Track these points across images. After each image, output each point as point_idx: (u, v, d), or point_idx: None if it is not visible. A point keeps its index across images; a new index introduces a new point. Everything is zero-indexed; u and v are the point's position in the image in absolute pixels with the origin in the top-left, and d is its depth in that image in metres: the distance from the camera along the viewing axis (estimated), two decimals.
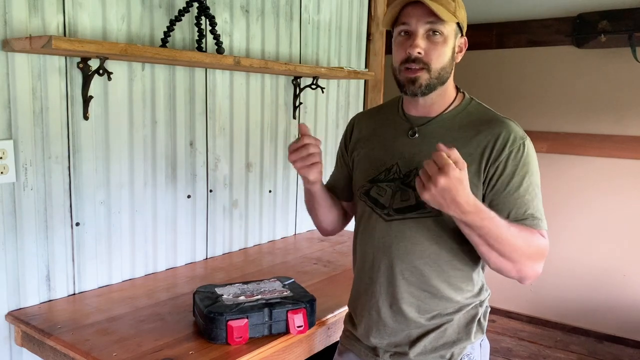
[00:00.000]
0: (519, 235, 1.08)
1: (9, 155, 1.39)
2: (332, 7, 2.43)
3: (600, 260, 3.39)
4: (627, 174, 3.28)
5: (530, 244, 1.09)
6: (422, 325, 1.19)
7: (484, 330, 1.24)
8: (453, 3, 1.13)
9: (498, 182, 1.12)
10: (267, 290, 1.39)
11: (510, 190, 1.12)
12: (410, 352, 1.19)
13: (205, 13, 1.73)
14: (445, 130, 1.19)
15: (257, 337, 1.28)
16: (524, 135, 1.15)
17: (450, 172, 0.96)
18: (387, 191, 1.21)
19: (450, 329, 1.19)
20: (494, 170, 1.12)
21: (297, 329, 1.31)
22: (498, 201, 1.13)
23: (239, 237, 2.12)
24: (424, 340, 1.19)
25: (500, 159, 1.12)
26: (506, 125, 1.15)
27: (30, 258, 1.47)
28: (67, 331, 1.31)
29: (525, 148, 1.13)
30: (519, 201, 1.12)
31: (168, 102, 1.77)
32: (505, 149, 1.12)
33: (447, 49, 1.14)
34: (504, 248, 1.07)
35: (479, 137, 1.15)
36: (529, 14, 3.51)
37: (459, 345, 1.19)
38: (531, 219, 1.11)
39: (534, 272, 1.12)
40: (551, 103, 3.50)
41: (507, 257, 1.08)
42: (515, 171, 1.12)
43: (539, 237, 1.11)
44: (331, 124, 2.53)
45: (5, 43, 1.35)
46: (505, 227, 1.06)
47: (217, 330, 1.24)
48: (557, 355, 3.22)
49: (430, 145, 1.15)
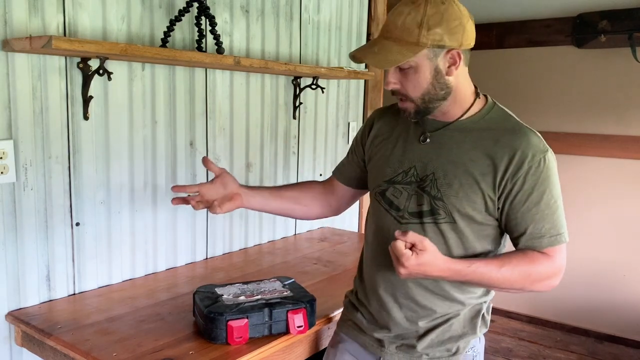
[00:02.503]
0: (514, 270, 1.10)
1: (9, 155, 1.39)
2: (332, 7, 2.43)
3: (600, 260, 3.39)
4: (628, 174, 3.28)
5: (530, 275, 1.11)
6: (431, 321, 1.21)
7: (487, 323, 1.27)
8: (417, 30, 1.07)
9: (517, 198, 1.11)
10: (267, 290, 1.39)
11: (529, 205, 1.11)
12: (417, 345, 1.21)
13: (205, 13, 1.73)
14: (463, 136, 1.17)
15: (257, 337, 1.28)
16: (545, 149, 1.12)
17: (405, 263, 1.03)
18: (402, 193, 1.21)
19: (457, 324, 1.22)
20: (511, 185, 1.11)
21: (297, 329, 1.31)
22: (516, 216, 1.13)
23: (239, 237, 2.12)
24: (431, 334, 1.21)
25: (519, 174, 1.10)
26: (527, 138, 1.12)
27: (30, 258, 1.47)
28: (67, 331, 1.31)
29: (546, 162, 1.11)
30: (537, 216, 1.11)
31: (168, 102, 1.77)
32: (525, 164, 1.10)
33: (421, 77, 1.11)
34: (500, 286, 1.13)
35: (496, 148, 1.13)
36: (529, 14, 3.51)
37: (464, 339, 1.21)
38: (548, 236, 1.12)
39: (545, 288, 1.14)
40: (551, 103, 3.50)
41: (508, 290, 1.13)
42: (534, 186, 1.10)
43: (541, 263, 1.11)
44: (331, 124, 2.53)
45: (5, 43, 1.35)
46: (496, 270, 1.10)
47: (217, 330, 1.24)
48: (557, 355, 3.22)
49: (443, 150, 1.17)
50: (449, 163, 1.16)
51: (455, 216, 1.15)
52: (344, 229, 2.60)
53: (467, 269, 1.09)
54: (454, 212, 1.15)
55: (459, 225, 1.15)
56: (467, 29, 1.11)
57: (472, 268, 1.09)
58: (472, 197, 1.13)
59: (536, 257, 1.12)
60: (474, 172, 1.13)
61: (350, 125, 2.64)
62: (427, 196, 1.17)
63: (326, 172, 2.53)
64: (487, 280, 1.11)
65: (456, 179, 1.14)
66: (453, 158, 1.16)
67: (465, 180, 1.13)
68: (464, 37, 1.11)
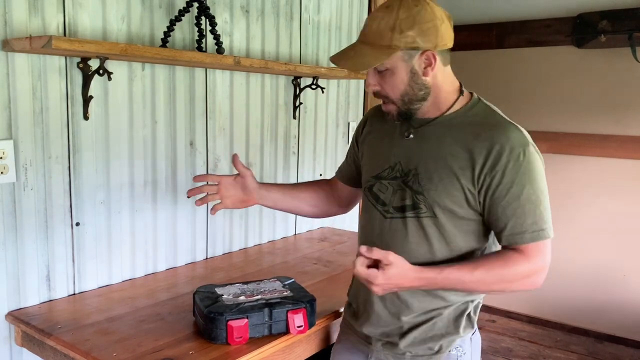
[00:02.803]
0: (489, 273, 1.11)
1: (9, 155, 1.39)
2: (332, 7, 2.43)
3: (600, 260, 3.39)
4: (627, 174, 3.28)
5: (505, 276, 1.12)
6: (413, 318, 1.23)
7: (474, 324, 1.27)
8: (390, 33, 1.10)
9: (497, 192, 1.12)
10: (267, 290, 1.39)
11: (509, 200, 1.11)
12: (400, 343, 1.23)
13: (205, 13, 1.74)
14: (445, 131, 1.19)
15: (257, 337, 1.28)
16: (525, 143, 1.12)
17: (375, 281, 1.07)
18: (388, 189, 1.24)
19: (440, 323, 1.22)
20: (490, 179, 1.12)
21: (297, 329, 1.31)
22: (497, 210, 1.13)
23: (239, 237, 2.12)
24: (414, 332, 1.23)
25: (497, 168, 1.11)
26: (507, 132, 1.13)
27: (30, 258, 1.47)
28: (67, 331, 1.31)
29: (527, 156, 1.11)
30: (518, 211, 1.11)
31: (168, 102, 1.77)
32: (503, 157, 1.10)
33: (398, 79, 1.14)
34: (478, 289, 1.15)
35: (476, 142, 1.14)
36: (529, 14, 3.51)
37: (447, 338, 1.22)
38: (530, 231, 1.11)
39: (528, 287, 1.14)
40: (551, 103, 3.50)
41: (486, 292, 1.16)
42: (514, 180, 1.10)
43: (517, 262, 1.11)
44: (331, 124, 2.53)
45: (5, 43, 1.35)
46: (469, 274, 1.11)
47: (217, 330, 1.24)
48: (557, 355, 3.22)
49: (425, 146, 1.20)
50: (430, 158, 1.18)
51: (436, 210, 1.16)
52: (344, 229, 2.60)
53: (438, 275, 1.11)
54: (435, 206, 1.16)
55: (440, 219, 1.17)
56: (441, 30, 1.12)
57: (444, 274, 1.11)
58: (452, 190, 1.15)
59: (511, 256, 1.12)
60: (453, 166, 1.15)
61: (350, 125, 2.64)
62: (409, 191, 1.20)
63: (326, 172, 2.53)
64: (462, 285, 1.13)
65: (436, 173, 1.16)
66: (434, 153, 1.18)
67: (444, 174, 1.15)
68: (438, 39, 1.12)
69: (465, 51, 3.72)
